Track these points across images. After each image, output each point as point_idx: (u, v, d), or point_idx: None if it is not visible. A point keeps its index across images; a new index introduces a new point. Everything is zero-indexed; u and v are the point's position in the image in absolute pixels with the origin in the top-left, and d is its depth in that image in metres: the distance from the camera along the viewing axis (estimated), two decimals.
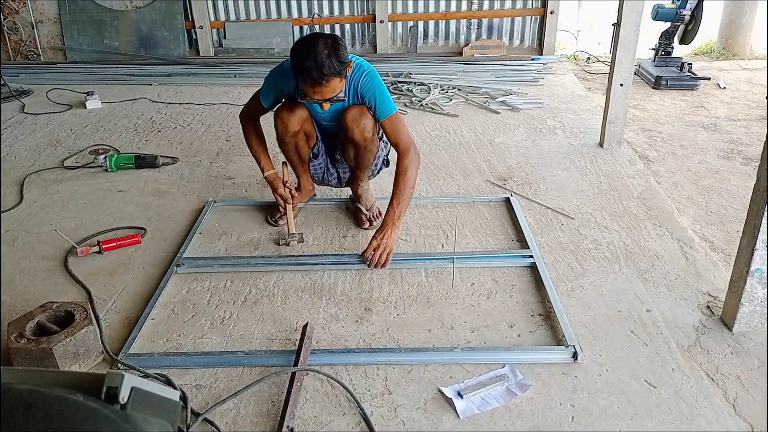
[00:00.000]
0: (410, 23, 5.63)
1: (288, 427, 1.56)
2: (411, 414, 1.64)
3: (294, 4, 5.59)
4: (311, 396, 1.70)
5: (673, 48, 5.08)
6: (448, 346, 1.87)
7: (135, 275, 2.31)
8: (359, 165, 2.53)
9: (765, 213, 1.70)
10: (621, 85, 3.23)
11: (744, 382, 1.72)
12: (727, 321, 1.94)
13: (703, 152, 3.58)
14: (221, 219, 2.70)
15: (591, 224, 2.58)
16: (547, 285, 2.12)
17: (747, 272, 1.80)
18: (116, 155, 3.29)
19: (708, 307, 2.04)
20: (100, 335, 1.89)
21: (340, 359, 1.82)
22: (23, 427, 0.72)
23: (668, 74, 4.84)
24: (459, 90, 4.52)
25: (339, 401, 1.68)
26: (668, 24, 4.99)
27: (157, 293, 2.14)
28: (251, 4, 5.58)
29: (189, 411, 1.58)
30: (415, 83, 4.62)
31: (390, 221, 2.28)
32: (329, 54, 2.04)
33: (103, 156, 3.28)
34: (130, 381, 0.84)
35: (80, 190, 3.03)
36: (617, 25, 3.13)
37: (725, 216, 2.83)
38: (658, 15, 4.93)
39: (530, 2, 5.59)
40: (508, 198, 2.78)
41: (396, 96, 4.46)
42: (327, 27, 5.65)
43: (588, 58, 5.82)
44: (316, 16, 5.59)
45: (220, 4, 5.57)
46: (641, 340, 1.89)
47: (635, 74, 4.91)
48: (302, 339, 1.85)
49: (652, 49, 5.18)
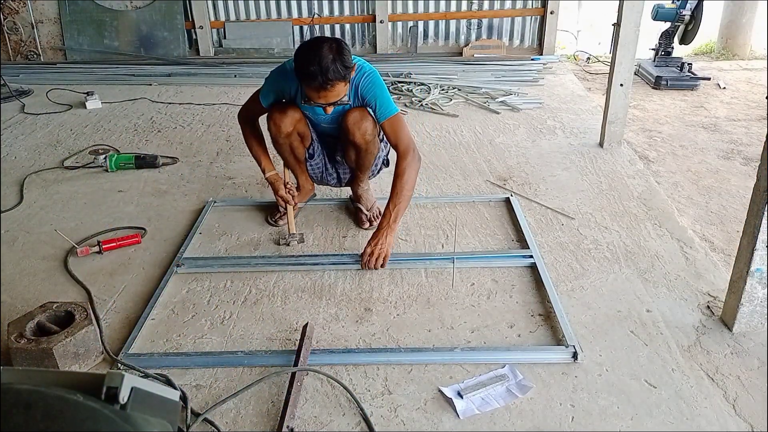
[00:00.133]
0: (410, 23, 5.63)
1: (288, 427, 1.56)
2: (411, 414, 1.64)
3: (294, 4, 5.59)
4: (311, 396, 1.70)
5: (673, 48, 5.08)
6: (448, 346, 1.87)
7: (135, 275, 2.31)
8: (360, 166, 2.53)
9: (765, 213, 1.70)
10: (621, 85, 3.23)
11: (744, 382, 1.72)
12: (727, 321, 1.94)
13: (703, 152, 3.58)
14: (221, 219, 2.70)
15: (591, 224, 2.58)
16: (547, 285, 2.12)
17: (747, 272, 1.80)
18: (116, 155, 3.30)
19: (708, 307, 2.04)
20: (100, 335, 1.89)
21: (340, 359, 1.82)
22: (23, 427, 0.72)
23: (668, 74, 4.84)
24: (459, 90, 4.52)
25: (339, 401, 1.69)
26: (668, 24, 4.98)
27: (157, 293, 2.14)
28: (251, 4, 5.58)
29: (189, 411, 1.58)
30: (415, 83, 4.62)
31: (385, 224, 2.26)
32: (334, 59, 2.03)
33: (103, 156, 3.28)
34: (130, 381, 0.84)
35: (80, 190, 3.03)
36: (617, 25, 3.13)
37: (725, 216, 2.83)
38: (658, 15, 4.93)
39: (530, 2, 5.59)
40: (508, 198, 2.78)
41: (396, 96, 4.47)
42: (327, 27, 5.65)
43: (588, 58, 5.82)
44: (316, 16, 5.59)
45: (220, 4, 5.57)
46: (641, 340, 1.89)
47: (635, 74, 4.90)
48: (302, 339, 1.85)
49: (652, 49, 5.18)
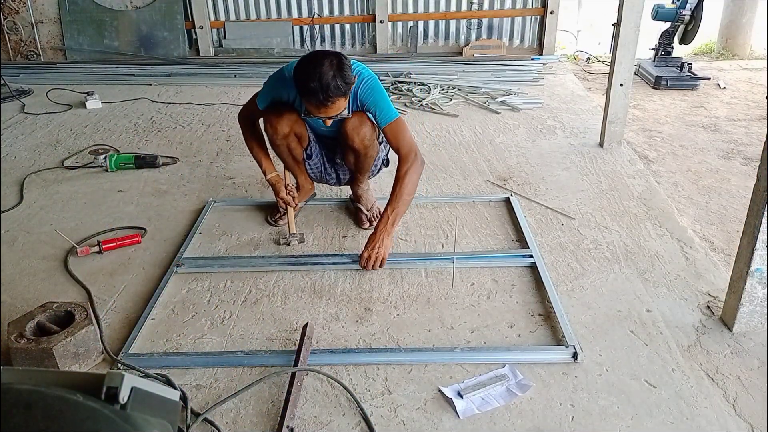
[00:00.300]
0: (410, 23, 5.63)
1: (288, 427, 1.56)
2: (411, 414, 1.64)
3: (294, 4, 5.59)
4: (311, 396, 1.70)
5: (673, 48, 5.08)
6: (448, 346, 1.87)
7: (135, 275, 2.31)
8: (359, 169, 2.53)
9: (765, 213, 1.70)
10: (621, 85, 3.23)
11: (744, 382, 1.72)
12: (727, 321, 1.94)
13: (703, 152, 3.58)
14: (221, 219, 2.70)
15: (591, 224, 2.58)
16: (547, 285, 2.12)
17: (747, 272, 1.80)
18: (116, 155, 3.30)
19: (708, 307, 2.04)
20: (100, 335, 1.89)
21: (340, 359, 1.82)
22: (23, 427, 0.72)
23: (668, 74, 4.84)
24: (459, 90, 4.52)
25: (339, 401, 1.69)
26: (668, 24, 4.98)
27: (157, 293, 2.14)
28: (251, 4, 5.58)
29: (189, 411, 1.58)
30: (415, 83, 4.62)
31: (382, 227, 2.25)
32: (334, 75, 2.01)
33: (103, 156, 3.28)
34: (130, 381, 0.84)
35: (80, 190, 3.03)
36: (617, 25, 3.13)
37: (725, 216, 2.83)
38: (658, 15, 4.93)
39: (530, 2, 5.59)
40: (508, 198, 2.78)
41: (396, 96, 4.47)
42: (327, 27, 5.65)
43: (588, 58, 5.82)
44: (316, 16, 5.59)
45: (220, 4, 5.57)
46: (641, 340, 1.89)
47: (635, 74, 4.91)
48: (302, 339, 1.85)
49: (652, 49, 5.18)
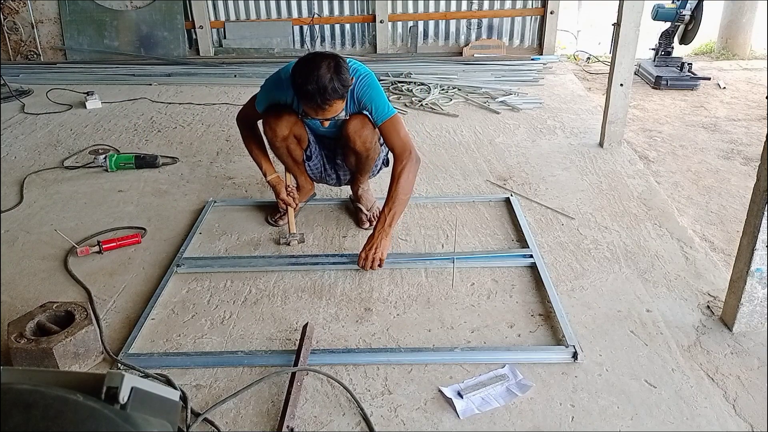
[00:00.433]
0: (410, 23, 5.63)
1: (288, 427, 1.56)
2: (411, 414, 1.64)
3: (294, 4, 5.59)
4: (311, 396, 1.70)
5: (673, 48, 5.07)
6: (448, 346, 1.87)
7: (135, 275, 2.31)
8: (360, 170, 2.54)
9: (765, 213, 1.70)
10: (621, 85, 3.23)
11: (744, 382, 1.72)
12: (727, 321, 1.94)
13: (703, 152, 3.58)
14: (221, 219, 2.70)
15: (591, 224, 2.58)
16: (547, 285, 2.12)
17: (747, 272, 1.80)
18: (116, 155, 3.30)
19: (708, 307, 2.04)
20: (100, 335, 1.89)
21: (340, 359, 1.82)
22: (23, 427, 0.72)
23: (668, 74, 4.84)
24: (459, 90, 4.52)
25: (339, 401, 1.69)
26: (668, 24, 4.98)
27: (157, 293, 2.15)
28: (251, 4, 5.58)
29: (189, 411, 1.59)
30: (415, 83, 4.62)
31: (379, 228, 2.25)
32: (332, 78, 2.01)
33: (103, 156, 3.28)
34: (130, 381, 0.84)
35: (80, 190, 3.03)
36: (617, 25, 3.13)
37: (725, 216, 2.83)
38: (658, 15, 4.93)
39: (530, 2, 5.58)
40: (508, 198, 2.78)
41: (396, 96, 4.47)
42: (327, 27, 5.65)
43: (588, 58, 5.82)
44: (316, 16, 5.58)
45: (220, 4, 5.57)
46: (641, 340, 1.89)
47: (635, 74, 4.90)
48: (302, 339, 1.85)
49: (652, 49, 5.17)
